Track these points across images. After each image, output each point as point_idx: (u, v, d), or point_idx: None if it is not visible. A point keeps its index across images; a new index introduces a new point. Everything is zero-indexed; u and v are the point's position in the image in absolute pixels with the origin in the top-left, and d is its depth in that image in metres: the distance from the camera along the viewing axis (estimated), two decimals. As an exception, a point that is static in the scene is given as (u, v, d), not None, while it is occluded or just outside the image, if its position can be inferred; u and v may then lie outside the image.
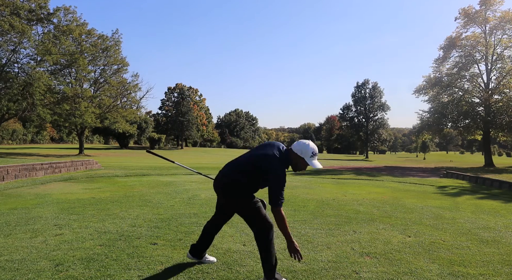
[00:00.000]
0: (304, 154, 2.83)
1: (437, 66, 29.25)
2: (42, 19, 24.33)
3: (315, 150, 2.86)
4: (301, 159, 2.85)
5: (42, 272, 3.02)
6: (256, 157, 2.86)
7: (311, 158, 2.84)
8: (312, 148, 2.84)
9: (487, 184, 11.75)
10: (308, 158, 2.83)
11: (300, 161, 2.86)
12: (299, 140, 2.93)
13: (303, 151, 2.83)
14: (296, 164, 2.89)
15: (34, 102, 23.59)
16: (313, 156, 2.85)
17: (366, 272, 3.19)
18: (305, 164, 2.86)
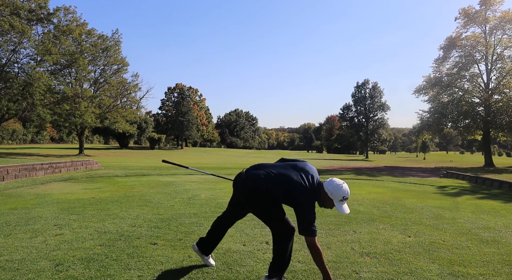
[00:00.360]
0: (334, 197, 2.70)
1: (437, 66, 29.25)
2: (42, 19, 24.32)
3: (347, 194, 2.71)
4: (330, 200, 2.72)
5: (42, 272, 3.03)
6: (290, 179, 2.74)
7: (340, 202, 2.71)
8: (344, 192, 2.69)
9: (487, 184, 11.75)
10: (337, 202, 2.71)
11: (328, 202, 2.74)
12: (332, 179, 2.78)
13: (334, 194, 2.70)
14: (324, 202, 2.78)
15: (34, 102, 23.58)
16: (343, 201, 2.71)
17: (366, 272, 3.19)
18: (332, 205, 2.75)
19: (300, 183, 2.71)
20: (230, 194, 7.94)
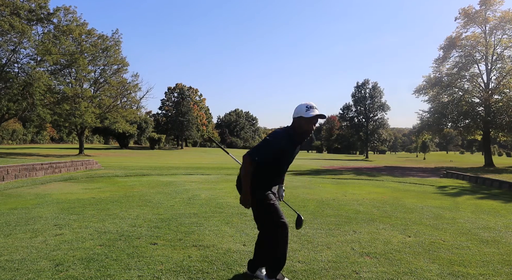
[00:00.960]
0: (300, 112, 2.76)
1: (437, 66, 29.26)
2: (42, 19, 24.32)
3: (310, 104, 2.78)
4: (300, 118, 2.77)
5: (42, 272, 3.03)
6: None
7: (308, 112, 2.74)
8: (305, 104, 2.78)
9: (487, 184, 11.75)
10: (304, 113, 2.74)
11: (301, 122, 2.77)
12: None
13: (298, 111, 2.78)
14: (301, 127, 2.79)
15: (34, 102, 23.58)
16: (309, 109, 2.75)
17: (366, 272, 3.19)
18: (305, 120, 2.75)
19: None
20: (230, 194, 7.96)
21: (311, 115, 2.72)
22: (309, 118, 2.73)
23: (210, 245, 3.89)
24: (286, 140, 2.81)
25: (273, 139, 2.75)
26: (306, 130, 2.79)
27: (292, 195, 8.02)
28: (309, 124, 2.77)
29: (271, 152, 2.76)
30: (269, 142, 2.75)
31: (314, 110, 2.75)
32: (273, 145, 2.75)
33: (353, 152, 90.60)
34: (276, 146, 2.76)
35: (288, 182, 10.27)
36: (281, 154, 2.83)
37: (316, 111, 2.75)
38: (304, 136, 2.84)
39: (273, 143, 2.75)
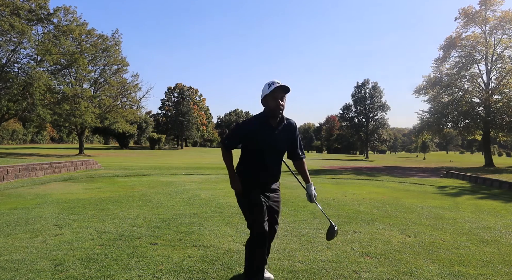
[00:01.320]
0: (264, 92, 2.71)
1: (437, 66, 29.25)
2: (42, 19, 24.33)
3: (271, 81, 2.68)
4: (265, 98, 2.70)
5: (42, 272, 3.03)
6: None
7: (269, 88, 2.66)
8: (267, 83, 2.71)
9: (487, 184, 11.75)
10: (267, 91, 2.67)
11: (267, 101, 2.70)
12: None
13: (262, 92, 2.73)
14: (268, 106, 2.71)
15: (34, 102, 23.59)
16: (271, 85, 2.66)
17: (366, 272, 3.19)
18: (270, 97, 2.67)
19: None
20: (230, 194, 7.96)
21: (272, 88, 2.63)
22: (271, 92, 2.64)
23: (210, 245, 3.89)
24: (255, 123, 2.73)
25: (241, 123, 2.80)
26: (273, 108, 2.67)
27: (292, 195, 8.02)
28: (274, 100, 2.66)
29: (238, 136, 2.76)
30: (237, 126, 2.79)
31: (275, 84, 2.65)
32: (241, 129, 2.76)
33: (353, 152, 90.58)
34: (243, 130, 2.75)
35: (288, 182, 10.25)
36: (254, 138, 2.70)
37: (277, 85, 2.64)
38: (275, 114, 2.70)
39: (240, 127, 2.78)
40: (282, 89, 2.65)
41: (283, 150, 2.82)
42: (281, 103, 2.66)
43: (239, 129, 2.78)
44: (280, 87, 2.62)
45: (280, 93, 2.65)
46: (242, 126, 2.78)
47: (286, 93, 2.69)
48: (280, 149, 2.79)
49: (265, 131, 2.72)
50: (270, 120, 2.75)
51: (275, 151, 2.77)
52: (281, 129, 2.77)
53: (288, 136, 2.82)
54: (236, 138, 2.77)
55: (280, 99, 2.66)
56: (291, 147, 2.90)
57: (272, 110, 2.68)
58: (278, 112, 2.68)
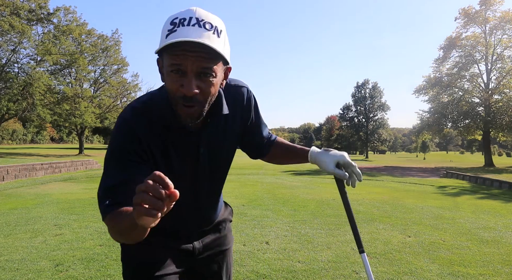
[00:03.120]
0: (161, 39, 0.91)
1: (437, 66, 29.26)
2: (42, 19, 24.33)
3: (180, 15, 0.89)
4: (160, 59, 0.95)
5: (42, 272, 3.02)
6: None
7: (168, 37, 0.88)
8: (172, 17, 0.91)
9: (487, 184, 11.75)
10: (163, 40, 0.89)
11: (162, 70, 0.95)
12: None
13: (161, 33, 0.93)
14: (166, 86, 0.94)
15: (34, 102, 23.60)
16: (173, 30, 0.88)
17: (366, 272, 3.19)
18: (166, 64, 0.90)
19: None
20: (230, 194, 7.95)
21: (169, 42, 0.85)
22: (167, 50, 0.88)
23: (210, 245, 3.88)
24: (153, 126, 1.02)
25: (125, 127, 1.01)
26: (173, 100, 0.93)
27: (292, 195, 8.02)
28: (172, 80, 0.90)
29: (125, 166, 0.97)
30: (118, 141, 1.00)
31: (181, 28, 0.87)
32: (128, 145, 0.99)
33: (353, 152, 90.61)
34: (132, 146, 0.99)
35: (288, 181, 10.26)
36: (155, 159, 1.04)
37: (181, 38, 0.85)
38: (181, 118, 0.95)
39: (124, 142, 0.99)
40: (192, 47, 0.86)
41: (224, 166, 1.22)
42: (192, 89, 0.88)
43: (123, 147, 0.99)
44: (187, 43, 0.85)
45: (186, 56, 0.86)
46: (128, 136, 0.99)
47: (209, 59, 0.89)
48: (218, 167, 1.19)
49: (178, 141, 1.06)
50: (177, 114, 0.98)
51: (206, 177, 1.16)
52: (215, 129, 1.11)
53: (235, 132, 1.19)
54: (121, 172, 0.96)
55: (191, 75, 0.89)
56: (249, 142, 1.31)
57: (172, 104, 0.95)
58: (186, 118, 0.94)
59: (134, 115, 1.01)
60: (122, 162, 0.97)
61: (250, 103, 1.22)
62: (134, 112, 1.01)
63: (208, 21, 0.89)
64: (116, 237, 0.91)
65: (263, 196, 7.67)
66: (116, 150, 0.98)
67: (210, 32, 0.88)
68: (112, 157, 0.98)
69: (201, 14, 0.89)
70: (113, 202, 0.92)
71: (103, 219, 0.94)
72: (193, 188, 1.14)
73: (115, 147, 0.99)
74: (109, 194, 0.94)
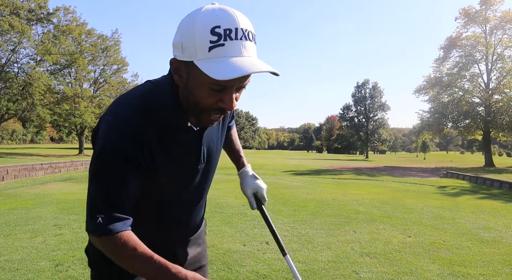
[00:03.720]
0: (196, 44, 0.76)
1: (437, 66, 29.28)
2: (42, 19, 24.32)
3: (225, 23, 0.76)
4: (191, 66, 0.79)
5: (42, 272, 3.02)
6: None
7: (212, 53, 0.76)
8: (212, 25, 0.75)
9: (487, 184, 11.75)
10: (204, 49, 0.76)
11: (192, 79, 0.82)
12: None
13: (189, 40, 0.78)
14: (191, 93, 0.84)
15: (33, 102, 23.59)
16: (217, 46, 0.75)
17: (366, 272, 3.19)
18: (205, 77, 0.77)
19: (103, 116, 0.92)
20: (230, 194, 7.95)
21: (226, 76, 0.74)
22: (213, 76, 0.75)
23: (210, 245, 3.88)
24: (155, 129, 0.88)
25: (121, 132, 0.84)
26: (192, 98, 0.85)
27: (292, 195, 8.02)
28: (210, 93, 0.82)
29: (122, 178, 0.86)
30: (111, 148, 0.84)
31: (245, 58, 0.78)
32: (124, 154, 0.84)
33: (353, 152, 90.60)
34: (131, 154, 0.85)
35: (288, 182, 10.26)
36: (154, 168, 0.91)
37: (244, 60, 0.77)
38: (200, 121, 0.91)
39: (118, 149, 0.84)
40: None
41: (216, 164, 1.14)
42: (231, 102, 0.83)
43: (122, 152, 0.84)
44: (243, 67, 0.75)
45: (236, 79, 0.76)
46: (128, 139, 0.84)
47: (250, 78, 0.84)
48: (213, 166, 1.11)
49: (181, 141, 0.95)
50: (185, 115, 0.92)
51: (203, 177, 1.08)
52: (213, 127, 1.04)
53: (222, 133, 1.13)
54: (120, 182, 0.86)
55: (232, 90, 0.83)
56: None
57: (193, 111, 0.88)
58: (208, 124, 0.93)
59: (133, 112, 0.86)
60: (120, 170, 0.84)
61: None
62: (132, 109, 0.87)
63: (250, 30, 0.81)
64: (117, 262, 0.87)
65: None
66: (112, 156, 0.83)
67: (255, 45, 0.83)
68: (108, 165, 0.83)
69: (241, 20, 0.79)
70: (117, 219, 0.85)
71: (97, 237, 0.88)
72: (189, 190, 1.06)
73: (111, 152, 0.83)
74: (108, 209, 0.86)
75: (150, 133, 0.87)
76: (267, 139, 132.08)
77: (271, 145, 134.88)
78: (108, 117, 0.88)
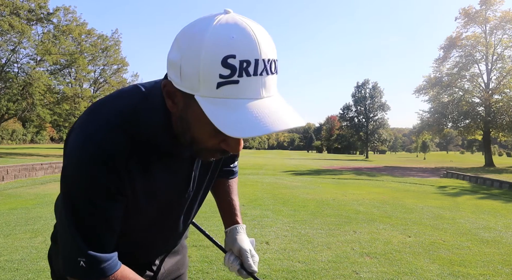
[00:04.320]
0: (203, 81, 0.59)
1: (437, 66, 29.28)
2: (42, 19, 24.33)
3: (236, 52, 0.57)
4: (195, 108, 0.62)
5: (42, 272, 3.02)
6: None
7: (225, 89, 0.58)
8: (226, 53, 0.57)
9: (487, 184, 11.74)
10: (212, 86, 0.58)
11: (193, 119, 0.66)
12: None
13: (199, 68, 0.58)
14: (184, 130, 0.70)
15: (33, 102, 23.60)
16: (230, 81, 0.58)
17: (366, 272, 3.18)
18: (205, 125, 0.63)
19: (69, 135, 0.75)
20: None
21: (241, 134, 0.59)
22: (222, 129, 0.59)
23: (210, 245, 3.88)
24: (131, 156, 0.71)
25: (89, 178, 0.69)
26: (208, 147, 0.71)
27: (292, 195, 8.02)
28: (214, 138, 0.68)
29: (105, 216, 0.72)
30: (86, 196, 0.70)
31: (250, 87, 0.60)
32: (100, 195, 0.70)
33: (353, 152, 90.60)
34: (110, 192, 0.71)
35: (288, 182, 10.26)
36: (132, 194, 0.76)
37: (263, 105, 0.61)
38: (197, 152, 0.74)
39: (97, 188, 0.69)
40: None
41: (208, 190, 1.00)
42: (238, 145, 0.69)
43: (98, 181, 0.69)
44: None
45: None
46: (104, 166, 0.68)
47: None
48: (204, 192, 0.98)
49: (168, 166, 0.80)
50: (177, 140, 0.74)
51: (191, 203, 0.94)
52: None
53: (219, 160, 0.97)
54: (100, 219, 0.72)
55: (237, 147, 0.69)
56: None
57: (192, 146, 0.72)
58: (207, 159, 0.77)
59: (111, 131, 0.69)
60: (99, 202, 0.70)
61: None
62: (111, 127, 0.69)
63: (273, 58, 0.64)
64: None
65: (263, 196, 7.67)
66: (88, 187, 0.68)
67: (276, 76, 0.67)
68: (84, 197, 0.69)
69: (264, 46, 0.61)
70: (103, 260, 0.71)
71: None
72: (173, 216, 0.91)
73: (86, 182, 0.68)
74: (90, 248, 0.70)
75: (130, 159, 0.71)
76: (267, 139, 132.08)
77: (271, 145, 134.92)
78: (79, 136, 0.70)
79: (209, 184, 0.96)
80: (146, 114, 0.71)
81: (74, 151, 0.69)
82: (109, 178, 0.69)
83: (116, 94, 0.76)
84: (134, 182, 0.73)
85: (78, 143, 0.69)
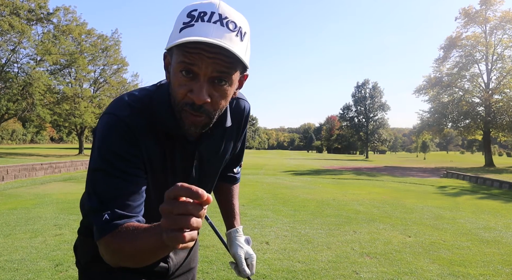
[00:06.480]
0: (174, 32, 0.76)
1: (437, 66, 29.27)
2: (42, 19, 24.33)
3: (199, 7, 0.75)
4: (170, 58, 0.79)
5: (42, 272, 3.02)
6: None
7: (181, 34, 0.73)
8: (187, 9, 0.76)
9: (487, 184, 11.74)
10: (176, 36, 0.74)
11: (171, 71, 0.78)
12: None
13: (174, 25, 0.78)
14: (171, 87, 0.80)
15: (33, 102, 23.59)
16: (189, 25, 0.73)
17: (366, 272, 3.18)
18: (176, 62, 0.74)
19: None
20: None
21: (183, 40, 0.70)
22: (182, 55, 0.73)
23: (210, 245, 3.88)
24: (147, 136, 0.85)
25: (110, 147, 0.80)
26: (178, 104, 0.79)
27: (292, 195, 8.02)
28: (180, 82, 0.76)
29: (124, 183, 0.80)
30: (107, 163, 0.80)
31: (198, 24, 0.73)
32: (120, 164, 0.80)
33: (353, 152, 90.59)
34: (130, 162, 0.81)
35: (288, 182, 10.25)
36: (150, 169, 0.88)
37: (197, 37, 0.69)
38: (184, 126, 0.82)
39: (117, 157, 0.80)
40: (209, 47, 0.71)
41: (213, 181, 1.11)
42: (203, 97, 0.74)
43: (119, 151, 0.81)
44: (204, 44, 0.70)
45: (202, 56, 0.72)
46: (125, 138, 0.81)
47: (227, 63, 0.74)
48: (207, 182, 1.08)
49: (176, 151, 0.92)
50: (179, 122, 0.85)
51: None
52: (213, 141, 0.98)
53: (230, 147, 1.07)
54: (118, 182, 0.80)
55: (204, 80, 0.75)
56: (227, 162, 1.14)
57: (175, 109, 0.81)
58: (191, 126, 0.81)
59: (131, 114, 0.82)
60: (118, 170, 0.79)
61: (247, 122, 1.09)
62: (131, 111, 0.83)
63: (232, 20, 0.74)
64: (121, 260, 0.76)
65: (263, 196, 7.67)
66: (109, 155, 0.79)
67: (233, 34, 0.74)
68: (105, 164, 0.79)
69: (225, 10, 0.75)
70: (115, 216, 0.76)
71: (101, 238, 0.76)
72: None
73: (108, 151, 0.79)
74: (105, 207, 0.77)
75: (147, 137, 0.84)
76: (267, 139, 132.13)
77: (271, 145, 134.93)
78: (105, 118, 0.84)
79: (215, 175, 1.09)
80: (157, 100, 0.86)
81: (102, 126, 0.83)
82: (130, 149, 0.81)
83: (139, 88, 0.92)
84: (151, 157, 0.86)
85: (106, 121, 0.83)
